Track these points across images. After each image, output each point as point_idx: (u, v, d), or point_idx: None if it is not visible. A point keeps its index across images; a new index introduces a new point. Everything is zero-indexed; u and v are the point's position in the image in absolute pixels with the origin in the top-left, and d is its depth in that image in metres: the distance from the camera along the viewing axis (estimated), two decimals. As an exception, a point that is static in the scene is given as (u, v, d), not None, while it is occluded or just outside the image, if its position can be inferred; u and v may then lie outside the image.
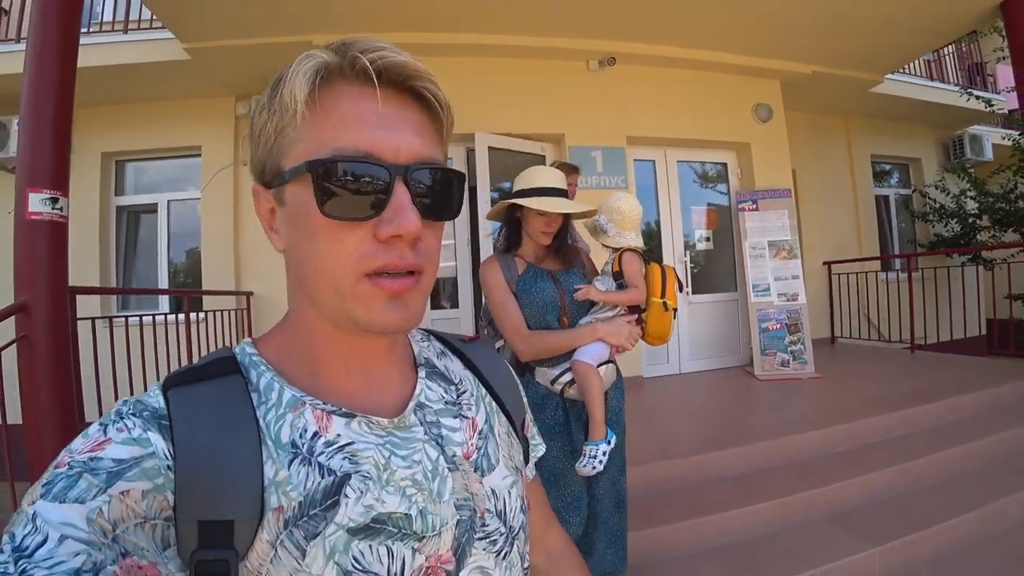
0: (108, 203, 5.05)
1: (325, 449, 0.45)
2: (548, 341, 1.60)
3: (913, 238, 7.02)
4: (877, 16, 4.20)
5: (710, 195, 5.16)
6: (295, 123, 0.43)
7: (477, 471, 0.54)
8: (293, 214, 0.45)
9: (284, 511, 0.42)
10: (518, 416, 0.65)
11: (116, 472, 0.38)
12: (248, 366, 0.48)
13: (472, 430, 0.56)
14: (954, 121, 6.98)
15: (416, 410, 0.52)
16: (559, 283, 1.66)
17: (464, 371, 0.62)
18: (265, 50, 4.12)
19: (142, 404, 0.43)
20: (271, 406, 0.46)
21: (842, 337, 5.80)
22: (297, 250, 0.46)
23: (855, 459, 2.81)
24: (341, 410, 0.47)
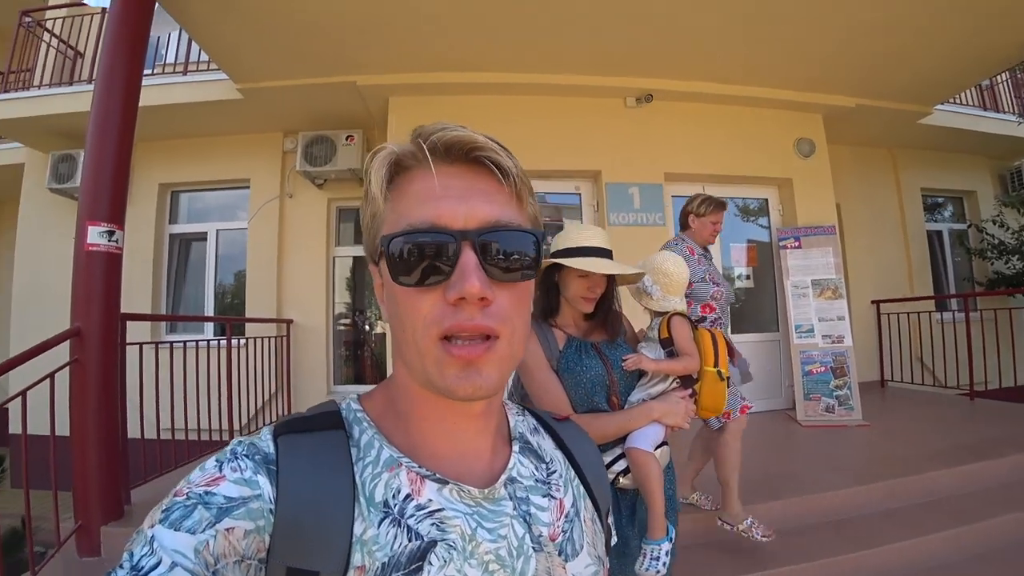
0: (162, 231, 5.35)
1: (416, 512, 0.46)
2: (600, 427, 1.40)
3: (970, 276, 6.64)
4: (923, 48, 4.08)
5: (750, 231, 5.04)
6: (380, 208, 0.48)
7: (561, 555, 0.53)
8: (388, 287, 0.48)
9: (366, 571, 0.43)
10: (604, 503, 0.64)
11: (226, 509, 0.40)
12: (352, 422, 0.50)
13: (559, 511, 0.55)
14: (1011, 151, 6.64)
15: (507, 484, 0.52)
16: (605, 357, 1.48)
17: (555, 451, 0.61)
18: (311, 89, 4.34)
19: (255, 447, 0.45)
20: (368, 463, 0.47)
21: (892, 381, 5.49)
22: (391, 318, 0.50)
23: (903, 519, 2.63)
24: (435, 475, 0.48)
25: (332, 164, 4.71)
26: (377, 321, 5.41)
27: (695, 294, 2.47)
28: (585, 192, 4.58)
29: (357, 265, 5.49)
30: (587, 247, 1.44)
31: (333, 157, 4.72)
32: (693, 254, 2.53)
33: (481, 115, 4.32)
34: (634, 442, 1.40)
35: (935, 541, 2.48)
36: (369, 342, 5.47)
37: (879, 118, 5.22)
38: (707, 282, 2.49)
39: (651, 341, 1.60)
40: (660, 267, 1.59)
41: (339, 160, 4.70)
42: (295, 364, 4.90)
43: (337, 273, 5.33)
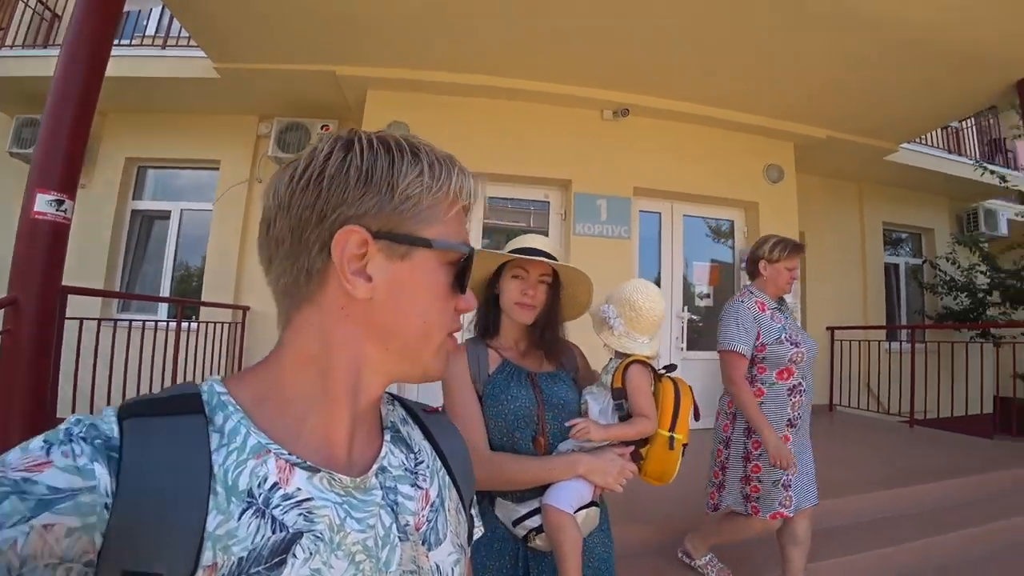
0: (125, 206, 5.19)
1: (282, 502, 0.44)
2: (512, 470, 1.20)
3: (921, 309, 6.92)
4: (893, 87, 4.24)
5: (715, 251, 5.15)
6: (448, 209, 0.52)
7: (425, 544, 0.54)
8: (418, 274, 0.51)
9: (217, 569, 0.39)
10: (468, 493, 0.66)
11: (47, 501, 0.35)
12: (215, 407, 0.46)
13: (425, 501, 0.56)
14: (970, 194, 6.94)
15: (379, 473, 0.53)
16: (539, 390, 1.28)
17: (423, 441, 0.62)
18: (290, 75, 4.28)
19: (96, 429, 0.40)
20: (233, 450, 0.44)
21: (841, 405, 5.67)
22: (400, 304, 0.50)
23: (838, 538, 2.71)
24: (306, 463, 0.46)
25: (305, 152, 4.64)
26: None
27: (769, 358, 2.06)
28: (554, 200, 4.61)
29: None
30: (527, 248, 1.30)
31: (307, 145, 4.64)
32: (764, 310, 2.11)
33: (458, 116, 4.32)
34: (551, 498, 1.18)
35: (865, 560, 2.57)
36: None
37: (848, 151, 5.39)
38: (784, 343, 2.04)
39: (602, 388, 1.33)
40: (628, 297, 1.33)
41: (312, 148, 4.64)
42: (249, 352, 4.80)
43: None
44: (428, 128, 4.26)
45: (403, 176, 0.48)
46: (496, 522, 1.25)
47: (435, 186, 0.50)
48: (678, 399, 1.28)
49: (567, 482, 1.19)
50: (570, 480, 1.19)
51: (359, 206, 0.47)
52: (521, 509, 1.22)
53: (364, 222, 0.47)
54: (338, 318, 0.49)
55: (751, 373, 2.10)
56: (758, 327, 2.08)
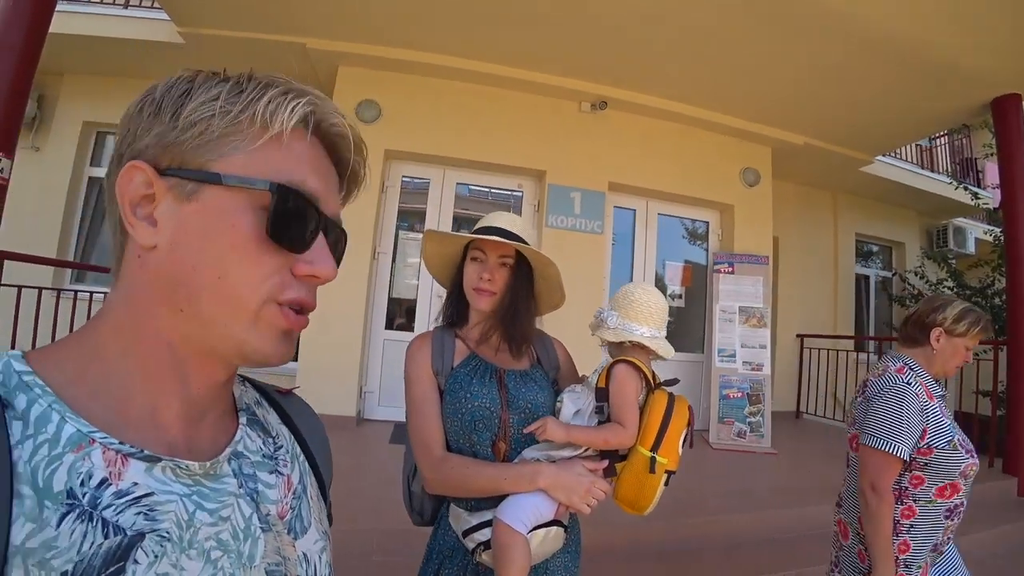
0: (81, 172, 4.98)
1: (114, 501, 0.37)
2: (465, 476, 1.06)
3: (889, 321, 7.00)
4: (872, 99, 4.25)
5: (688, 252, 5.12)
6: (254, 138, 0.42)
7: (290, 533, 0.49)
8: (208, 217, 0.41)
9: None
10: (327, 476, 0.61)
11: None
12: (14, 388, 0.37)
13: (287, 488, 0.51)
14: (941, 211, 7.09)
15: (232, 459, 0.47)
16: (506, 388, 1.13)
17: (280, 425, 0.57)
18: (258, 45, 4.10)
19: None
20: (42, 443, 0.36)
21: (807, 413, 5.70)
22: (189, 255, 0.41)
23: (797, 549, 2.67)
24: (143, 452, 0.39)
25: (272, 126, 4.47)
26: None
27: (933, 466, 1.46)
28: (528, 191, 4.52)
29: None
30: (489, 227, 1.16)
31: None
32: (933, 398, 1.51)
33: (432, 99, 4.20)
34: (503, 512, 1.02)
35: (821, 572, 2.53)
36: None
37: (825, 159, 5.41)
38: (959, 448, 1.46)
39: (586, 388, 1.16)
40: (624, 290, 1.19)
41: (280, 123, 4.47)
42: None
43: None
44: (401, 109, 4.14)
45: (191, 100, 0.41)
46: (449, 530, 1.13)
47: (231, 108, 0.41)
48: (669, 415, 1.08)
49: (526, 496, 1.03)
50: (529, 494, 1.03)
51: (146, 140, 0.41)
52: (472, 519, 1.08)
53: (148, 156, 0.41)
54: (136, 274, 0.42)
55: (900, 484, 1.51)
56: (925, 423, 1.47)
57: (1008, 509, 3.47)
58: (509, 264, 1.17)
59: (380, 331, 4.18)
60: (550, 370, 1.24)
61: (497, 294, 1.15)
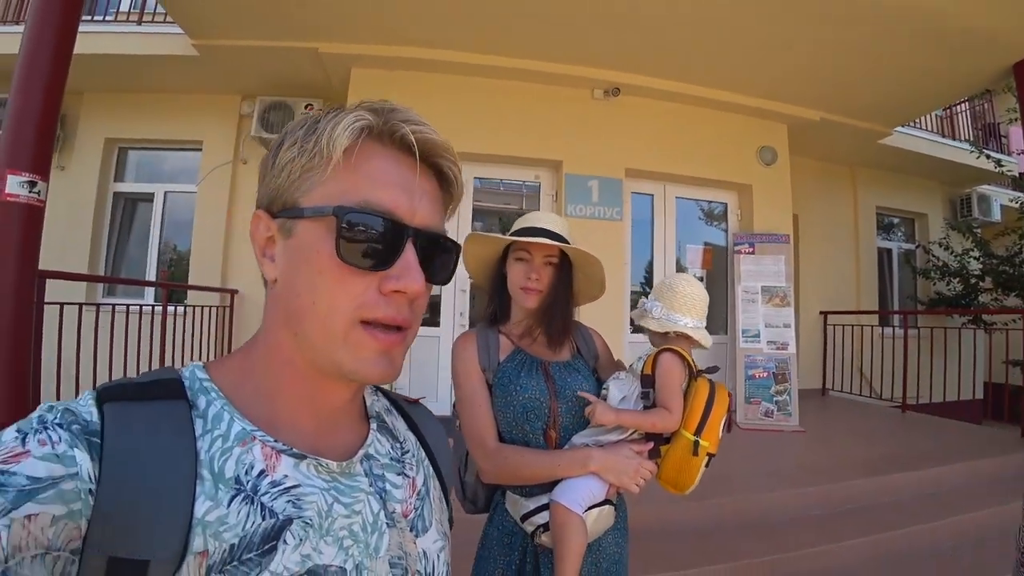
0: (106, 188, 5.08)
1: (270, 489, 0.44)
2: (520, 464, 1.13)
3: (914, 294, 6.91)
4: (888, 70, 4.17)
5: (708, 234, 5.09)
6: (325, 168, 0.45)
7: (412, 531, 0.54)
8: (300, 249, 0.45)
9: (209, 556, 0.39)
10: (449, 484, 0.66)
11: (28, 491, 0.34)
12: (197, 392, 0.46)
13: (412, 489, 0.56)
14: (963, 179, 6.92)
15: (364, 460, 0.52)
16: (551, 380, 1.19)
17: (408, 432, 0.62)
18: (272, 52, 4.15)
19: (72, 414, 0.39)
20: (217, 437, 0.43)
21: (833, 390, 5.67)
22: (293, 284, 0.46)
23: (826, 526, 2.69)
24: (292, 450, 0.46)
25: (289, 132, 4.52)
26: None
27: None
28: (545, 181, 4.53)
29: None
30: (532, 228, 1.21)
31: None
32: None
33: (445, 95, 4.22)
34: (559, 495, 1.10)
35: (849, 548, 2.55)
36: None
37: (841, 134, 5.33)
38: None
39: (630, 375, 1.24)
40: (666, 282, 1.26)
41: (297, 129, 4.52)
42: (238, 336, 4.73)
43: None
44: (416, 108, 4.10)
45: (283, 146, 0.47)
46: (506, 515, 1.21)
47: (307, 146, 0.45)
48: (711, 402, 1.16)
49: (578, 479, 1.11)
50: (583, 477, 1.11)
51: (262, 189, 0.48)
52: (529, 504, 1.16)
53: (264, 203, 0.48)
54: (269, 304, 0.50)
55: None
56: None
57: (1045, 477, 3.45)
58: (554, 263, 1.22)
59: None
60: (590, 359, 1.30)
61: (542, 292, 1.21)
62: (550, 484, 1.13)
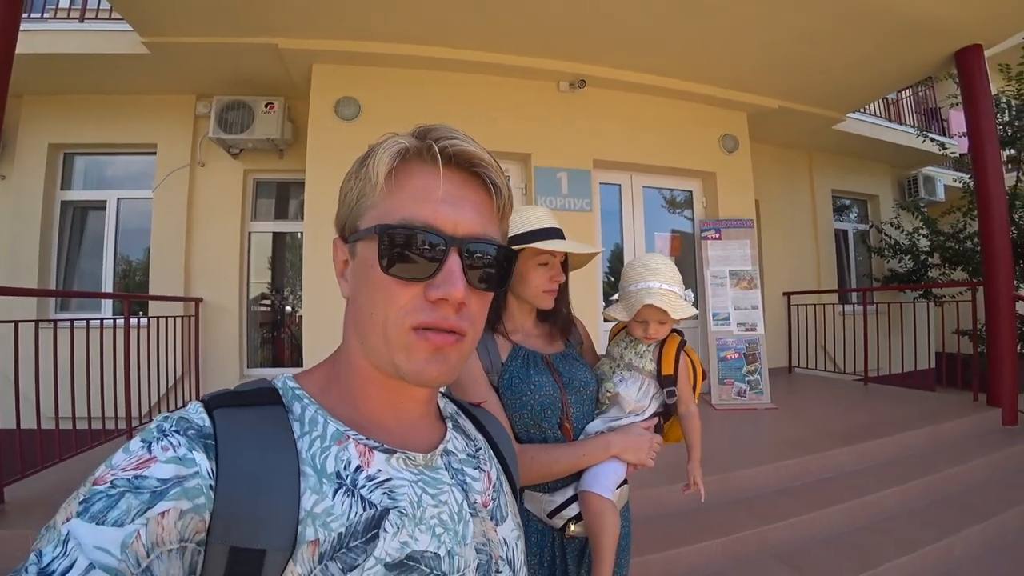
0: (52, 197, 4.81)
1: (367, 483, 0.48)
2: (547, 461, 1.12)
3: (869, 272, 7.23)
4: (841, 58, 4.34)
5: (675, 221, 5.20)
6: (374, 192, 0.50)
7: (493, 520, 0.58)
8: (360, 268, 0.51)
9: (320, 544, 0.42)
10: (517, 480, 0.71)
11: (160, 492, 0.38)
12: (291, 399, 0.50)
13: (488, 482, 0.60)
14: (910, 161, 7.28)
15: (444, 455, 0.56)
16: (558, 374, 1.20)
17: (477, 432, 0.67)
18: (228, 49, 4.00)
19: (187, 422, 0.43)
20: (315, 437, 0.48)
21: (799, 367, 5.89)
22: (358, 299, 0.51)
23: (807, 495, 2.80)
24: (383, 446, 0.50)
25: (249, 132, 4.37)
26: (295, 302, 5.13)
27: None
28: (514, 175, 4.53)
29: (276, 242, 5.17)
30: (543, 228, 1.18)
31: (251, 125, 4.38)
32: None
33: (411, 91, 4.16)
34: (590, 485, 1.13)
35: (830, 515, 2.66)
36: (288, 323, 5.18)
37: (799, 121, 5.52)
38: None
39: (632, 371, 1.26)
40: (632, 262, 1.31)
41: (257, 129, 4.37)
42: (205, 346, 4.56)
43: (253, 250, 4.98)
44: (381, 104, 4.09)
45: (348, 177, 0.53)
46: (528, 515, 1.19)
47: (360, 173, 0.51)
48: (694, 374, 1.29)
49: (603, 465, 1.15)
50: (606, 463, 1.15)
51: (336, 219, 0.55)
52: (556, 499, 1.16)
53: (338, 231, 0.55)
54: (347, 318, 0.55)
55: None
56: None
57: (996, 437, 3.68)
58: (562, 261, 1.25)
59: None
60: (577, 346, 1.34)
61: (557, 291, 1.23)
62: (572, 477, 1.16)
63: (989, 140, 4.21)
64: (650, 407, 1.25)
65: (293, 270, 5.13)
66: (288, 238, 5.18)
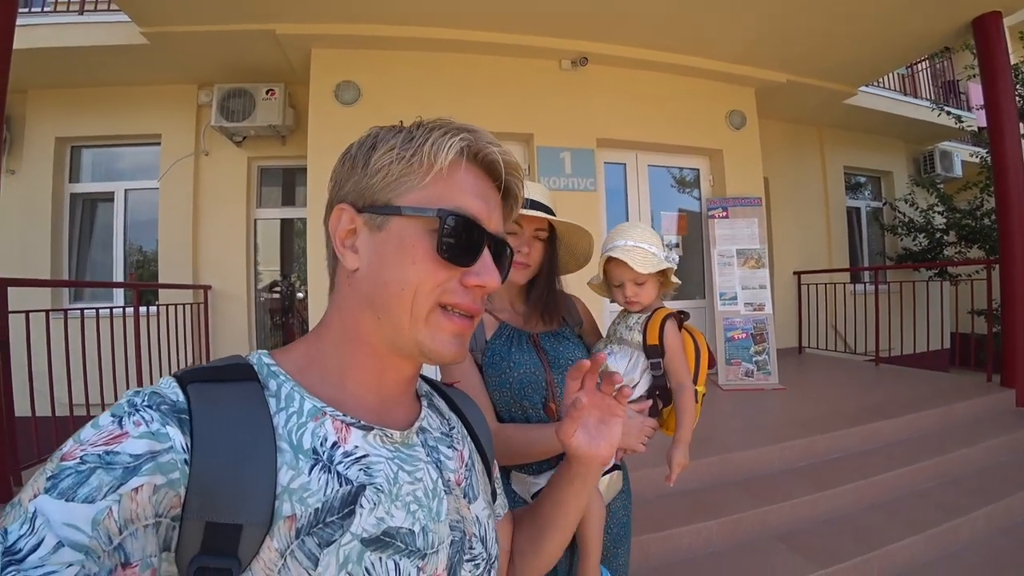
0: (62, 190, 4.87)
1: (343, 459, 0.48)
2: (525, 442, 1.07)
3: (882, 251, 7.08)
4: (852, 30, 4.21)
5: (681, 200, 5.12)
6: (425, 175, 0.51)
7: (466, 498, 0.60)
8: (391, 241, 0.51)
9: (297, 519, 0.43)
10: (490, 459, 0.72)
11: (132, 468, 0.37)
12: (267, 375, 0.50)
13: (461, 461, 0.62)
14: (926, 136, 7.08)
15: (419, 432, 0.58)
16: (543, 352, 1.16)
17: (450, 412, 0.68)
18: (226, 37, 3.99)
19: (159, 396, 0.43)
20: (292, 413, 0.48)
21: (809, 347, 5.82)
22: (380, 273, 0.51)
23: (812, 476, 2.78)
24: (360, 422, 0.51)
25: (251, 120, 4.37)
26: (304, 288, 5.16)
27: None
28: (516, 155, 4.45)
29: (284, 229, 5.20)
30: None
31: (252, 112, 4.38)
32: None
33: (412, 73, 4.12)
34: None
35: (840, 494, 2.64)
36: (297, 309, 5.22)
37: (808, 95, 5.39)
38: None
39: (624, 346, 1.25)
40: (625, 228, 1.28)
41: (259, 116, 4.37)
42: (215, 333, 4.63)
43: (260, 237, 5.02)
44: (381, 87, 4.06)
45: (376, 151, 0.53)
46: (514, 496, 1.16)
47: (405, 154, 0.51)
48: (697, 353, 1.25)
49: None
50: None
51: (348, 187, 0.54)
52: (540, 481, 1.11)
53: (350, 199, 0.53)
54: (346, 291, 0.55)
55: None
56: None
57: (1010, 418, 3.62)
58: (542, 237, 1.17)
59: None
60: (575, 326, 1.29)
61: (532, 266, 1.17)
62: (557, 458, 1.10)
63: (1007, 112, 4.06)
64: (641, 381, 1.21)
65: (302, 256, 5.16)
66: (297, 224, 5.21)
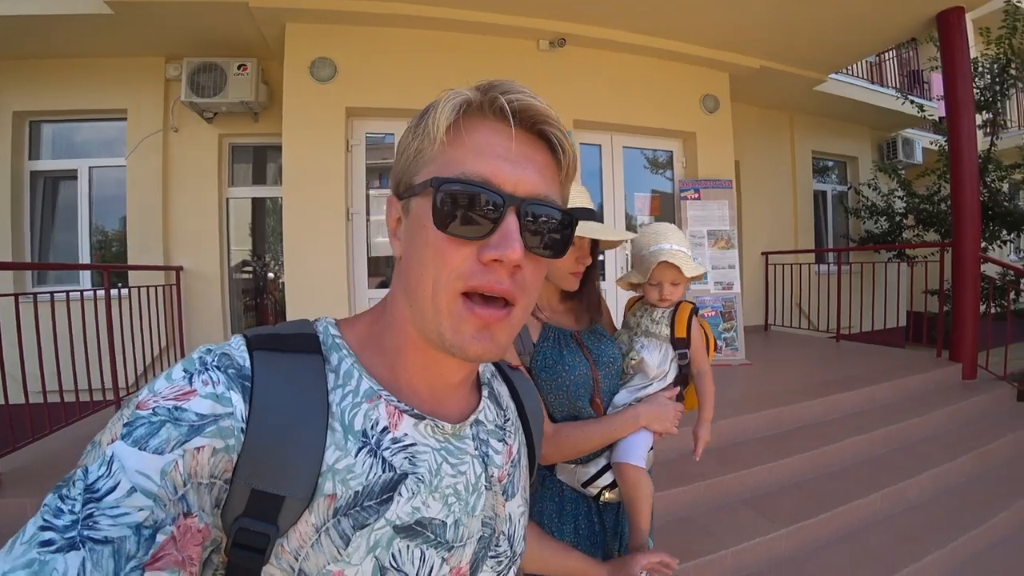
0: (21, 167, 4.66)
1: (391, 445, 0.48)
2: (581, 439, 1.15)
3: (846, 233, 7.36)
4: (823, 18, 4.32)
5: (655, 182, 5.22)
6: (432, 147, 0.47)
7: (504, 495, 0.58)
8: (412, 225, 0.48)
9: (336, 499, 0.43)
10: (538, 451, 0.70)
11: (197, 427, 0.39)
12: (330, 348, 0.49)
13: (508, 456, 0.60)
14: (890, 124, 7.33)
15: (473, 425, 0.56)
16: (587, 351, 1.22)
17: (510, 400, 0.66)
18: (196, 8, 3.86)
19: (229, 359, 0.43)
20: (348, 392, 0.47)
21: (775, 325, 6.06)
22: (409, 258, 0.49)
23: (776, 444, 2.96)
24: (413, 410, 0.50)
25: (222, 95, 4.25)
26: (277, 268, 5.11)
27: None
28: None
29: (256, 208, 5.11)
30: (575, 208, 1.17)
31: (223, 88, 4.26)
32: None
33: (389, 50, 4.07)
34: (625, 456, 1.18)
35: (801, 460, 2.83)
36: (271, 289, 5.17)
37: (780, 81, 5.51)
38: None
39: (650, 337, 1.32)
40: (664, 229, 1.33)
41: (230, 91, 4.25)
42: (188, 315, 4.55)
43: (232, 216, 4.92)
44: (357, 64, 4.01)
45: (405, 133, 0.51)
46: (562, 486, 1.22)
47: (417, 129, 0.49)
48: (706, 338, 1.35)
49: (633, 436, 1.19)
50: (636, 433, 1.19)
51: (394, 177, 0.52)
52: (590, 469, 1.20)
53: (394, 190, 0.52)
54: (396, 277, 0.53)
55: None
56: None
57: (955, 391, 3.88)
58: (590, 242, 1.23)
59: (364, 291, 4.19)
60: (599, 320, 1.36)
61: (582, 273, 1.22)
62: (603, 448, 1.21)
63: (965, 103, 4.26)
64: (671, 372, 1.30)
65: (274, 236, 5.09)
66: (268, 203, 5.12)
